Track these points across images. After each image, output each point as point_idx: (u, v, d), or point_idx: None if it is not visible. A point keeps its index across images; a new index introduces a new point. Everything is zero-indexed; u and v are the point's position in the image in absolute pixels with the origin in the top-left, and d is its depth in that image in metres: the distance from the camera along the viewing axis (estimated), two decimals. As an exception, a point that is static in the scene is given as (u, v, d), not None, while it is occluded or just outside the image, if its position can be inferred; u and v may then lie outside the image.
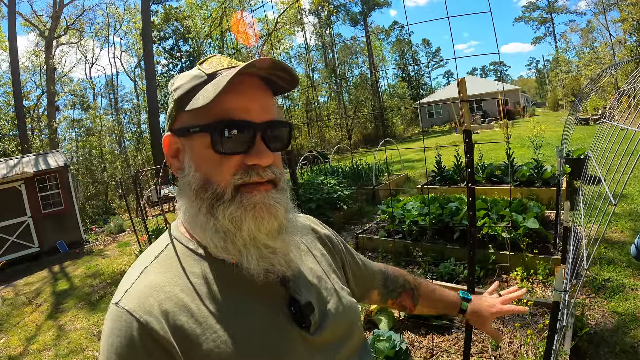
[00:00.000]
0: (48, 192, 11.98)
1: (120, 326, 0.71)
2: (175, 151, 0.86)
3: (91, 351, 5.03)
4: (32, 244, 11.43)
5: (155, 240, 0.92)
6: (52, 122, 25.33)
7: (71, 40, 36.01)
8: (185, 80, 0.83)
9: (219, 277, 0.80)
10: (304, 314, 0.84)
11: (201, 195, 0.80)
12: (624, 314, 4.01)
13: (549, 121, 27.57)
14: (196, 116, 0.79)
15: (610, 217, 4.71)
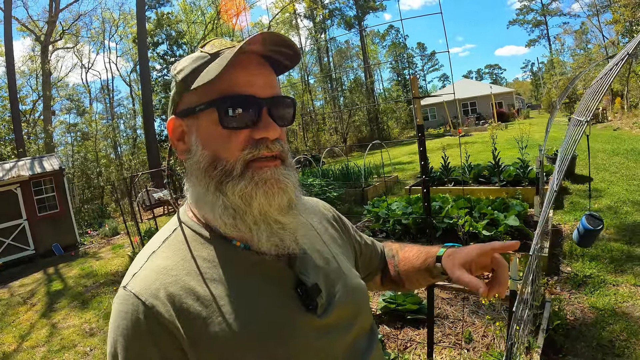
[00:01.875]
0: (44, 195, 12.13)
1: (126, 309, 0.73)
2: (180, 134, 0.86)
3: (82, 347, 5.24)
4: (27, 246, 11.56)
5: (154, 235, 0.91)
6: (48, 126, 25.43)
7: (67, 45, 36.18)
8: (189, 62, 0.83)
9: (226, 259, 0.81)
10: (310, 296, 0.83)
11: (210, 172, 0.80)
12: (603, 309, 4.12)
13: (542, 123, 27.93)
14: (201, 94, 0.79)
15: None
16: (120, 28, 37.93)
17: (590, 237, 1.85)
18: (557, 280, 4.92)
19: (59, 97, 32.83)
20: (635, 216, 6.49)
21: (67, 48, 36.55)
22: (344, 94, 45.31)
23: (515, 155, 13.18)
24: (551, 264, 5.26)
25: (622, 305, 4.16)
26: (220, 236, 0.82)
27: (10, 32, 22.73)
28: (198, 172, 0.81)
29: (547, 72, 58.94)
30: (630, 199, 7.30)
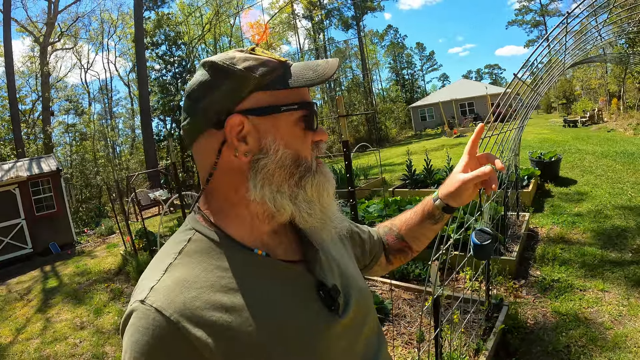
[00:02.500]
0: (41, 195, 12.40)
1: (147, 324, 0.69)
2: (241, 133, 0.82)
3: (72, 339, 5.61)
4: (25, 245, 11.84)
5: (172, 235, 0.91)
6: (46, 127, 25.60)
7: (66, 45, 36.29)
8: (255, 62, 0.82)
9: (247, 268, 0.80)
10: (332, 297, 0.85)
11: (293, 170, 0.83)
12: (565, 314, 4.16)
13: (537, 124, 27.81)
14: (278, 96, 0.82)
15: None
16: (119, 29, 38.08)
17: (482, 251, 1.97)
18: (524, 284, 4.96)
19: (58, 98, 32.98)
20: (615, 220, 6.48)
21: (66, 49, 36.74)
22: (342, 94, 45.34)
23: (504, 157, 13.33)
24: (521, 268, 5.31)
25: (586, 310, 4.18)
26: (239, 245, 0.82)
27: (9, 33, 22.90)
28: (281, 170, 0.82)
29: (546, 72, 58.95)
30: (611, 203, 7.31)
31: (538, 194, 8.41)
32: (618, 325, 3.87)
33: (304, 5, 36.59)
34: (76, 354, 5.28)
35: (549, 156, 9.57)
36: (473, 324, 3.92)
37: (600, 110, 25.08)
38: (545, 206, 7.75)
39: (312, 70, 0.83)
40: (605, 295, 4.42)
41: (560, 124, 24.62)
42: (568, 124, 23.35)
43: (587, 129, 20.57)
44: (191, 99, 0.84)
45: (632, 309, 4.07)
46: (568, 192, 8.37)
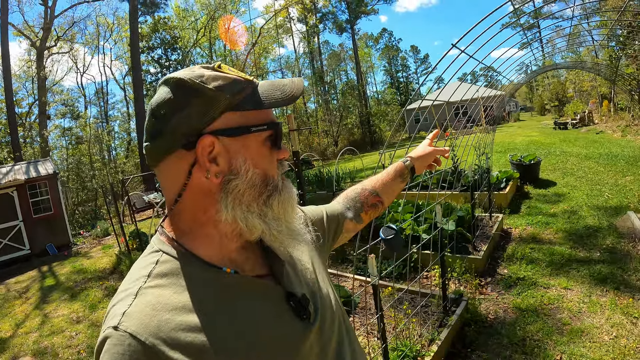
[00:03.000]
0: (38, 197, 12.69)
1: (123, 350, 0.68)
2: (212, 154, 0.81)
3: (69, 332, 6.02)
4: (23, 246, 12.14)
5: (140, 254, 0.93)
6: (43, 130, 25.75)
7: (62, 50, 36.26)
8: (225, 81, 0.82)
9: (218, 286, 0.81)
10: (303, 306, 0.87)
11: (262, 189, 0.84)
12: (526, 310, 4.31)
13: (529, 126, 27.83)
14: (248, 117, 0.83)
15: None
16: (115, 32, 38.12)
17: (388, 244, 2.18)
18: (491, 281, 5.14)
19: (54, 102, 33.09)
20: (588, 221, 6.60)
21: (62, 53, 36.70)
22: (337, 97, 45.47)
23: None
24: (489, 266, 5.50)
25: (547, 307, 4.32)
26: (208, 265, 0.82)
27: (6, 37, 23.06)
28: (250, 191, 0.83)
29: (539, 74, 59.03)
30: (587, 204, 7.43)
31: (517, 196, 8.55)
32: (576, 321, 4.00)
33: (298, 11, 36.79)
34: (72, 345, 5.70)
35: (529, 159, 9.69)
36: (431, 316, 4.15)
37: (590, 112, 24.90)
38: (522, 207, 7.88)
39: (280, 91, 0.84)
40: (568, 292, 4.56)
41: (552, 126, 24.50)
42: (558, 126, 23.20)
43: (577, 131, 20.45)
44: (156, 117, 0.81)
45: (592, 305, 4.21)
46: (546, 194, 8.47)
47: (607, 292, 4.44)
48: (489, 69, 7.30)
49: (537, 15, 23.28)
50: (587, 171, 10.06)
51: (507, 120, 36.79)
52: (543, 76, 54.98)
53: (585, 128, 21.63)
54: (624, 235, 5.86)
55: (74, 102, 37.57)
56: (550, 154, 13.09)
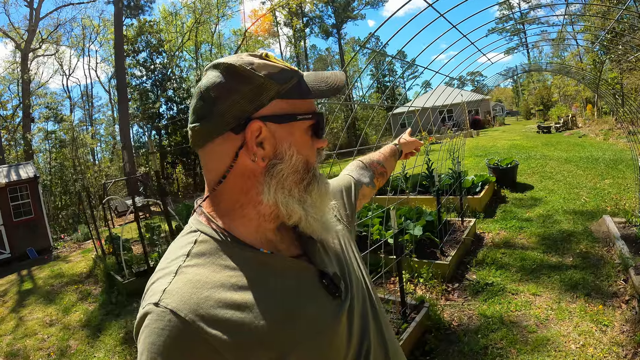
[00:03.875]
0: (19, 201, 12.62)
1: (163, 325, 0.70)
2: (259, 138, 0.84)
3: (41, 335, 6.13)
4: (4, 250, 12.07)
5: (176, 236, 0.92)
6: (26, 134, 25.52)
7: (47, 52, 36.06)
8: (274, 70, 0.84)
9: (254, 265, 0.83)
10: (335, 284, 0.90)
11: (303, 175, 0.87)
12: (491, 317, 4.23)
13: (514, 130, 27.93)
14: (295, 105, 0.86)
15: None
16: (101, 34, 37.86)
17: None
18: (458, 287, 5.07)
19: (37, 105, 32.82)
20: (563, 225, 6.59)
21: (48, 55, 36.52)
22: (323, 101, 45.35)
23: (468, 164, 13.30)
24: (457, 272, 5.44)
25: (513, 314, 4.25)
26: (245, 244, 0.84)
27: (-11, 39, 22.77)
28: (293, 176, 0.86)
29: (526, 79, 59.34)
30: (563, 208, 7.44)
31: (493, 200, 8.55)
32: (542, 328, 3.92)
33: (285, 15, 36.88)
34: (43, 348, 5.77)
35: (506, 162, 9.72)
36: (392, 322, 4.04)
37: (574, 116, 25.05)
38: (497, 212, 7.85)
39: (324, 82, 0.88)
40: (536, 299, 4.49)
41: (535, 130, 24.56)
42: (542, 130, 23.34)
43: (560, 135, 20.54)
44: (205, 100, 0.83)
45: (560, 312, 4.13)
46: (523, 198, 8.49)
47: (577, 299, 4.36)
48: (474, 74, 7.33)
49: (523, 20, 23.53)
50: (566, 175, 10.09)
51: (492, 125, 36.75)
52: (529, 80, 55.42)
53: (568, 132, 21.75)
54: (598, 240, 5.82)
55: (58, 105, 37.34)
56: (531, 157, 13.11)
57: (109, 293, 7.22)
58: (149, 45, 28.04)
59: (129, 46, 27.21)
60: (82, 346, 5.60)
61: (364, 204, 1.55)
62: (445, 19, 3.48)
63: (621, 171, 9.73)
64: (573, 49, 39.02)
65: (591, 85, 10.83)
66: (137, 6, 31.43)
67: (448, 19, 3.53)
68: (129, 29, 29.38)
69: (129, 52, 27.04)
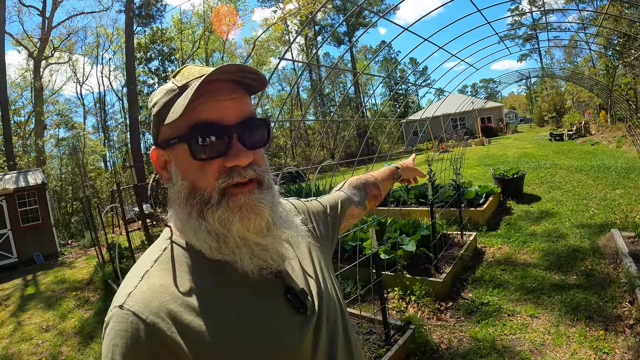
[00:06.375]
0: (27, 207, 12.80)
1: (125, 327, 0.72)
2: (163, 163, 0.88)
3: (36, 340, 6.34)
4: (11, 254, 12.29)
5: (150, 245, 0.94)
6: (38, 140, 25.85)
7: (60, 59, 36.48)
8: (161, 95, 0.85)
9: (218, 275, 0.83)
10: (300, 300, 0.88)
11: (190, 201, 0.82)
12: (482, 340, 3.97)
13: (526, 138, 27.60)
14: (174, 128, 0.81)
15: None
16: (114, 43, 38.25)
17: None
18: (452, 306, 4.81)
19: (49, 112, 33.20)
20: (569, 240, 6.30)
21: (61, 63, 36.97)
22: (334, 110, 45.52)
23: (475, 174, 13.16)
24: (452, 290, 5.18)
25: (506, 337, 3.99)
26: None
27: (2, 48, 23.15)
28: (180, 201, 0.84)
29: (539, 86, 58.83)
30: (571, 221, 7.15)
31: (497, 212, 8.32)
32: (537, 355, 3.65)
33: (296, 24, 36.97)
34: (37, 353, 5.88)
35: (512, 172, 9.49)
36: (372, 345, 3.82)
37: (587, 123, 24.63)
38: (501, 224, 7.59)
39: (184, 97, 0.79)
40: (534, 321, 4.22)
41: (548, 137, 24.07)
42: (554, 137, 22.93)
43: (572, 143, 20.13)
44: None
45: (558, 337, 3.85)
46: (529, 210, 8.23)
47: (578, 322, 4.06)
48: (489, 81, 7.25)
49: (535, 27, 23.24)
50: (575, 185, 9.83)
51: (505, 132, 36.38)
52: (542, 87, 54.96)
53: (581, 139, 21.39)
54: (605, 256, 5.49)
55: (71, 112, 37.96)
56: (540, 166, 12.84)
57: (105, 301, 7.25)
58: (161, 54, 28.33)
59: (141, 54, 27.49)
60: (72, 353, 5.65)
61: (354, 223, 1.52)
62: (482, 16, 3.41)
63: (633, 180, 9.48)
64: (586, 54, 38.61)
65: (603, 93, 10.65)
66: (149, 15, 31.80)
67: (484, 16, 3.46)
68: (141, 37, 29.72)
69: (141, 60, 27.31)
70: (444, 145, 27.51)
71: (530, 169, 12.12)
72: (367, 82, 52.54)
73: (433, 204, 5.77)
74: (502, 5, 34.85)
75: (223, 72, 0.80)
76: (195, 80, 0.82)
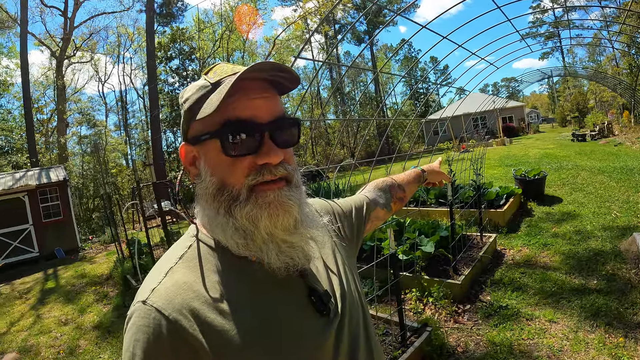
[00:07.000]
0: (49, 203, 13.10)
1: (148, 323, 0.73)
2: (192, 159, 0.89)
3: (55, 333, 6.46)
4: (32, 249, 12.58)
5: (175, 242, 0.93)
6: (61, 138, 26.32)
7: (82, 59, 37.10)
8: (193, 91, 0.86)
9: (242, 274, 0.83)
10: (323, 302, 0.88)
11: (218, 198, 0.82)
12: (499, 345, 3.89)
13: (548, 138, 27.06)
14: (206, 124, 0.82)
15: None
16: (135, 42, 38.65)
17: None
18: (469, 309, 4.73)
19: (71, 111, 33.71)
20: (591, 242, 6.14)
21: (83, 62, 37.56)
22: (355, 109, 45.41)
23: (495, 174, 12.87)
24: (471, 292, 5.10)
25: (524, 342, 3.90)
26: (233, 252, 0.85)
27: (25, 48, 23.72)
28: (207, 197, 0.84)
29: (561, 85, 57.84)
30: (593, 223, 6.97)
31: (518, 214, 8.17)
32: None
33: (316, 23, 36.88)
34: (55, 345, 5.97)
35: (533, 173, 9.31)
36: (387, 347, 3.80)
37: (610, 123, 24.06)
38: (522, 226, 7.44)
39: (218, 93, 0.80)
40: (552, 326, 4.10)
41: (570, 138, 23.52)
42: (577, 138, 22.40)
43: (595, 143, 19.60)
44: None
45: (576, 344, 3.73)
46: (550, 212, 8.05)
47: (597, 328, 3.93)
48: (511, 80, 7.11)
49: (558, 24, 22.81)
50: (597, 186, 9.56)
51: (527, 132, 35.74)
52: (564, 86, 54.05)
53: (604, 140, 20.82)
54: (626, 261, 5.30)
55: (93, 110, 38.55)
56: (562, 167, 12.54)
57: (123, 296, 7.33)
58: (182, 53, 28.59)
59: (161, 53, 27.78)
60: (90, 346, 5.73)
61: (378, 225, 1.51)
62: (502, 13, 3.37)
63: (657, 183, 9.18)
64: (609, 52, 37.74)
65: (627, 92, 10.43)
66: (169, 14, 32.15)
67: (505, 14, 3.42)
68: (162, 36, 30.03)
69: (161, 59, 27.60)
70: (465, 145, 27.25)
71: (552, 170, 11.87)
72: (388, 80, 52.31)
73: (452, 204, 5.66)
74: (523, 2, 34.00)
75: (257, 70, 0.80)
76: (228, 77, 0.83)
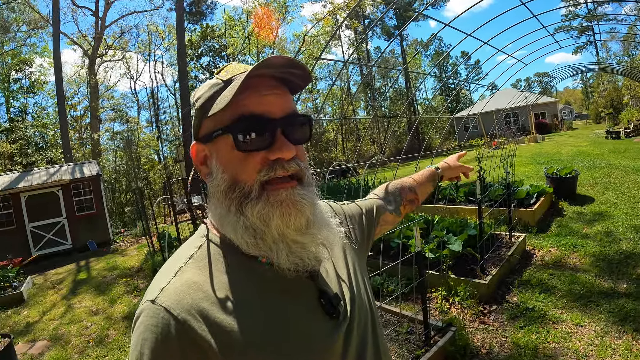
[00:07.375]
0: (82, 197, 13.55)
1: (156, 322, 0.72)
2: (203, 158, 0.89)
3: (85, 322, 6.66)
4: (65, 241, 13.06)
5: (186, 240, 0.95)
6: (94, 134, 26.99)
7: (114, 57, 37.87)
8: (205, 89, 0.86)
9: (252, 275, 0.83)
10: (333, 305, 0.87)
11: (230, 195, 0.82)
12: (524, 347, 3.81)
13: (581, 135, 26.32)
14: (217, 120, 0.82)
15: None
16: (166, 40, 39.17)
17: None
18: (495, 309, 4.66)
19: (104, 107, 34.48)
20: (622, 244, 5.93)
21: (115, 60, 38.36)
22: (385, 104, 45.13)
23: (527, 172, 12.56)
24: (498, 292, 5.01)
25: (549, 346, 3.80)
26: (245, 253, 0.83)
27: (58, 47, 24.37)
28: (219, 195, 0.84)
29: (595, 80, 55.99)
30: (625, 224, 6.73)
31: (548, 213, 7.96)
32: None
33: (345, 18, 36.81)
34: (85, 334, 6.17)
35: (565, 172, 9.06)
36: (412, 346, 3.79)
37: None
38: (552, 226, 7.23)
39: (230, 88, 0.80)
40: (579, 330, 3.99)
41: (604, 135, 22.71)
42: (610, 135, 21.59)
43: (630, 141, 18.86)
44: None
45: (603, 349, 3.61)
46: (582, 212, 7.79)
47: (625, 334, 3.78)
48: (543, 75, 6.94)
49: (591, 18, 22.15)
50: (631, 186, 9.20)
51: (559, 129, 34.83)
52: (598, 81, 52.39)
53: (638, 137, 20.14)
54: None
55: (125, 107, 39.37)
56: (595, 166, 12.10)
57: (153, 288, 7.54)
58: (212, 50, 28.89)
59: (192, 51, 28.13)
60: (119, 336, 5.88)
61: (388, 229, 1.48)
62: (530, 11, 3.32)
63: (691, 184, 8.85)
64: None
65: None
66: (199, 12, 32.48)
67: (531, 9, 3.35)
68: (192, 34, 30.41)
69: (192, 57, 27.96)
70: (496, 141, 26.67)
71: (585, 168, 11.52)
72: (418, 76, 51.80)
73: (481, 202, 5.57)
74: (553, -3, 32.78)
75: (268, 65, 0.79)
76: (239, 75, 0.83)
